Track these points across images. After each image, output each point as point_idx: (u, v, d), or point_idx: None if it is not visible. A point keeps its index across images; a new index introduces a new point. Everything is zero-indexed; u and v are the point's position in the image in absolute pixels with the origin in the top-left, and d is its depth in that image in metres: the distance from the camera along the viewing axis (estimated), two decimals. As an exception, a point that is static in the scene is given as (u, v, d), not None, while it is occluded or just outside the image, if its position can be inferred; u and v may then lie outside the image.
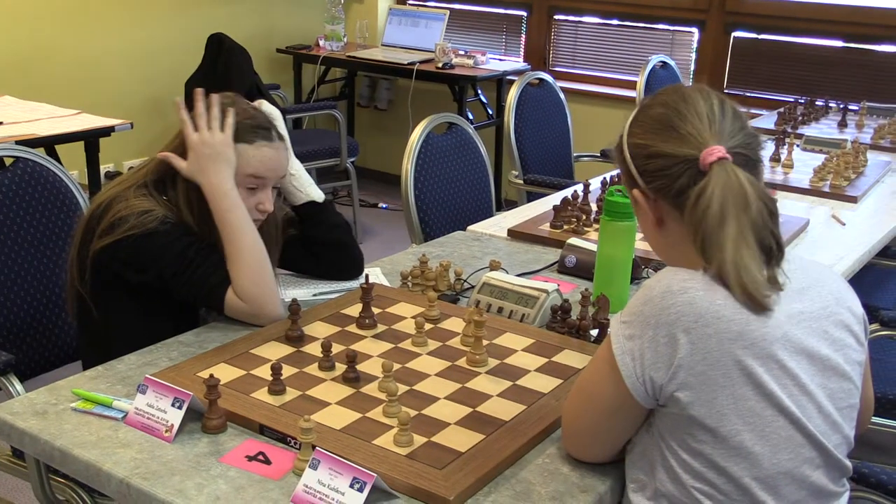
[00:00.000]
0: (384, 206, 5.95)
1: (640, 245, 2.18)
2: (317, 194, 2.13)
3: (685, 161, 1.37)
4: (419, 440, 1.46)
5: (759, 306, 1.31)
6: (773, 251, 1.35)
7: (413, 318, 1.91)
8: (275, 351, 1.77)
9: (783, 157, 3.40)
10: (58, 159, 3.53)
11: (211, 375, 1.51)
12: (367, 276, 1.96)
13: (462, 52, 5.67)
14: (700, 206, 1.33)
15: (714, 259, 1.32)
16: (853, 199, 3.02)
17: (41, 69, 4.77)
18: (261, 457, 1.44)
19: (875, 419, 2.40)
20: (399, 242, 4.45)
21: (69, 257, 1.95)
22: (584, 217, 2.62)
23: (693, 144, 1.37)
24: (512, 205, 3.46)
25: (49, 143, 3.58)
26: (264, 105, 2.04)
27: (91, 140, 3.74)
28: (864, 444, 1.45)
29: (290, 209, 2.14)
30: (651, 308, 1.32)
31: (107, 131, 3.75)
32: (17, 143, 3.10)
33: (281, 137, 1.97)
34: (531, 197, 3.58)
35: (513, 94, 3.83)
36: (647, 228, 1.48)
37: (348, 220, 2.29)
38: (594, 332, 1.89)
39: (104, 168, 4.91)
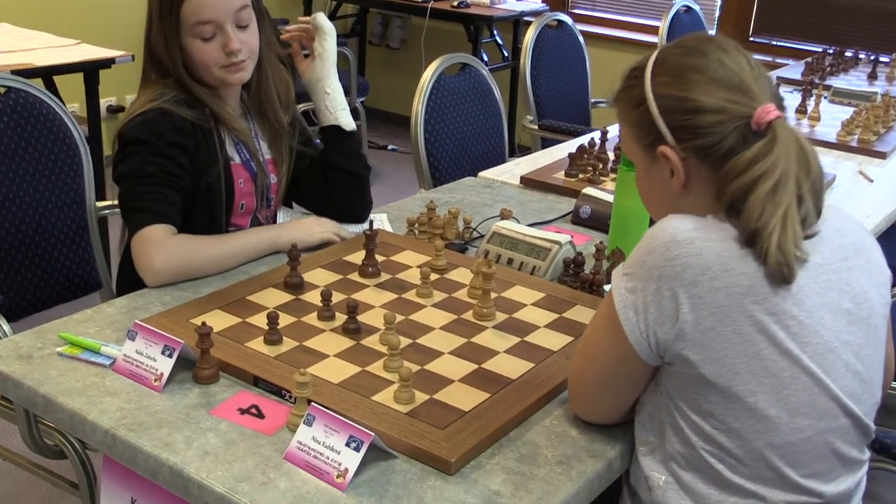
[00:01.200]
0: (393, 147, 5.89)
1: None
2: (346, 121, 2.13)
3: (736, 118, 1.29)
4: (421, 397, 1.43)
5: (783, 279, 1.24)
6: (816, 215, 1.30)
7: (418, 267, 1.87)
8: (272, 298, 1.73)
9: (810, 109, 3.32)
10: (56, 91, 3.46)
11: (203, 323, 1.47)
12: (371, 222, 1.91)
13: (478, -9, 5.56)
14: (758, 170, 1.25)
15: (756, 228, 1.24)
16: (882, 155, 2.95)
17: (41, -4, 4.69)
18: (254, 410, 1.41)
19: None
20: (408, 186, 4.40)
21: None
22: (600, 166, 2.58)
23: (744, 101, 1.29)
24: (525, 151, 3.40)
25: (47, 74, 3.51)
26: (319, 17, 2.08)
27: (91, 72, 3.66)
28: (880, 409, 1.40)
29: (312, 150, 2.15)
30: (654, 259, 1.26)
31: (107, 63, 3.67)
32: (14, 72, 3.03)
33: None
34: (546, 143, 3.54)
35: (530, 36, 3.76)
36: (661, 190, 1.38)
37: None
38: (608, 288, 1.83)
39: (105, 101, 4.85)
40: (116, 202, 1.92)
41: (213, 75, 1.92)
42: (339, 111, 2.12)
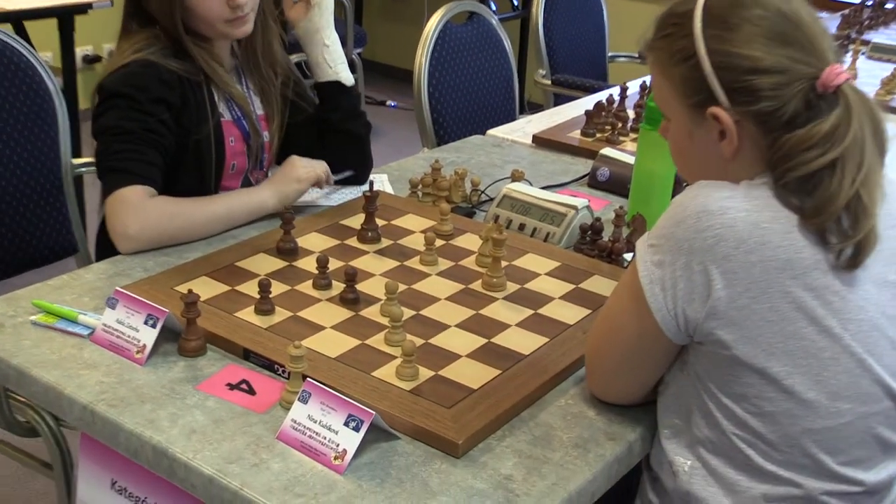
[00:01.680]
0: (392, 104, 5.88)
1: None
2: (346, 76, 2.11)
3: (800, 79, 1.25)
4: (425, 374, 1.42)
5: (854, 265, 1.23)
6: None
7: (422, 232, 1.86)
8: (264, 264, 1.72)
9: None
10: (27, 38, 3.44)
11: (190, 291, 1.47)
12: (371, 183, 1.90)
13: (486, -67, 5.51)
14: (836, 150, 1.21)
15: (822, 204, 1.22)
16: (925, 116, 2.93)
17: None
18: (244, 386, 1.40)
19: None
20: (408, 146, 4.38)
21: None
22: (619, 125, 2.56)
23: (809, 59, 1.25)
24: (536, 108, 3.39)
25: (17, 19, 3.48)
26: None
27: (65, 17, 3.64)
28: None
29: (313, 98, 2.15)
30: (684, 230, 1.24)
31: (83, 8, 3.64)
32: (-19, 17, 3.01)
33: None
34: (559, 100, 3.53)
35: (543, -17, 3.73)
36: (707, 154, 1.34)
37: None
38: (628, 257, 1.83)
39: (80, 50, 4.82)
40: (94, 159, 1.90)
41: (216, 30, 1.90)
42: (338, 65, 2.09)
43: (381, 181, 2.18)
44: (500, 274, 1.69)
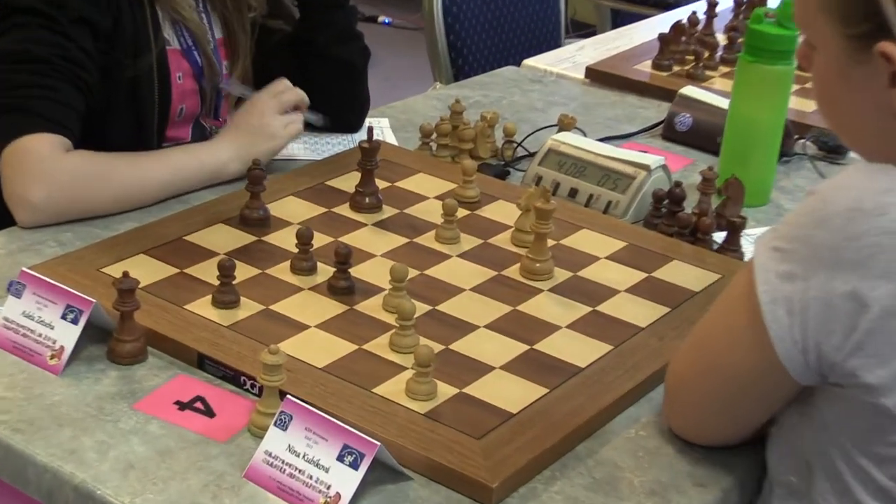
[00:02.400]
0: (386, 20, 5.88)
1: (796, 104, 2.10)
2: None
3: None
4: (446, 391, 1.43)
5: None
6: None
7: (438, 198, 1.87)
8: (224, 239, 1.73)
9: None
10: None
11: (125, 273, 1.47)
12: (369, 130, 1.90)
13: None
14: None
15: None
16: None
17: None
18: (199, 405, 1.41)
19: None
20: (414, 80, 4.39)
21: None
22: (706, 54, 2.58)
23: None
24: (587, 30, 3.38)
25: None
26: None
27: None
28: None
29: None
30: (827, 234, 1.23)
31: None
32: None
33: None
34: (619, 19, 3.53)
35: None
36: (867, 106, 1.29)
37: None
38: (719, 237, 1.83)
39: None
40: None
41: None
42: None
43: (380, 128, 2.18)
44: (546, 257, 1.70)
